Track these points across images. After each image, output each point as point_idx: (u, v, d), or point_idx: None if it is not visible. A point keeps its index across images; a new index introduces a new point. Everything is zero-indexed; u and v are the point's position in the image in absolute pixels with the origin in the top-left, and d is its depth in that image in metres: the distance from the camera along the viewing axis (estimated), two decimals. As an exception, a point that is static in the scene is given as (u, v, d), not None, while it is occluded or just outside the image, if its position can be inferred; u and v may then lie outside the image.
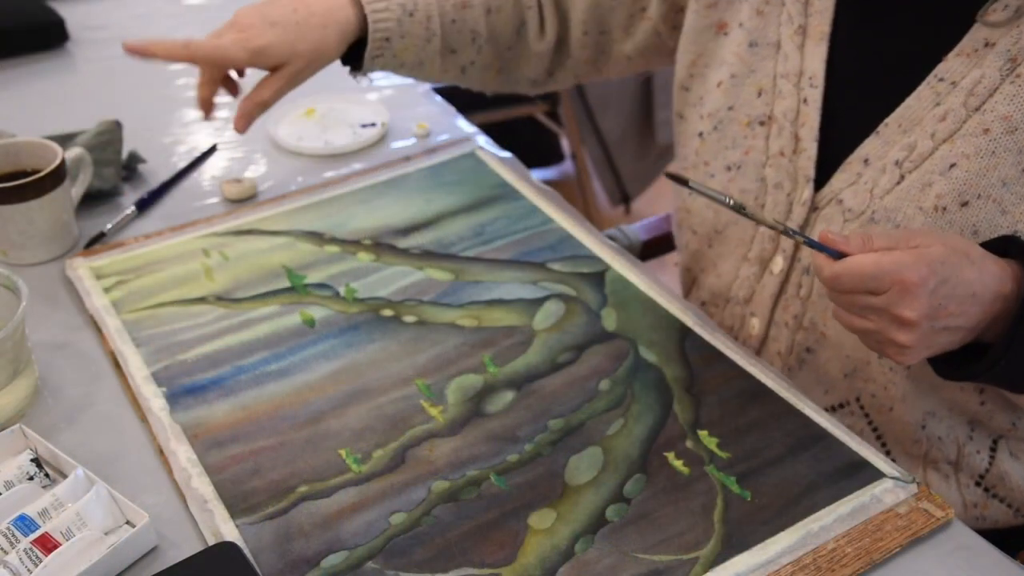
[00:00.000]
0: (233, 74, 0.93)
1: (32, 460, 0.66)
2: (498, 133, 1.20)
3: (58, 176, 0.86)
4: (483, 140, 1.07)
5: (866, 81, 0.77)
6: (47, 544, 0.60)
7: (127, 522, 0.65)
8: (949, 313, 0.64)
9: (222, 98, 1.14)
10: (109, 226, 0.92)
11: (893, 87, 0.74)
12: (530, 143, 2.45)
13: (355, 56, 0.92)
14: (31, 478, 0.66)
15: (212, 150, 1.05)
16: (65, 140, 1.01)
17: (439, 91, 1.21)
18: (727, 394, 0.75)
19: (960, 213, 0.70)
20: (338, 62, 0.92)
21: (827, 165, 0.78)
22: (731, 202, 0.69)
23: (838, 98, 0.78)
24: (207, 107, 0.92)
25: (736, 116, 0.83)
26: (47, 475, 0.67)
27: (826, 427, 0.72)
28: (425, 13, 0.91)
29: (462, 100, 1.40)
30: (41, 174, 0.85)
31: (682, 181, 0.70)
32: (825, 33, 0.78)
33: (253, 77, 0.91)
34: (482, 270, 0.87)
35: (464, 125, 1.10)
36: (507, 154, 1.04)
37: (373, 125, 1.08)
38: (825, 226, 0.77)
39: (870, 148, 0.75)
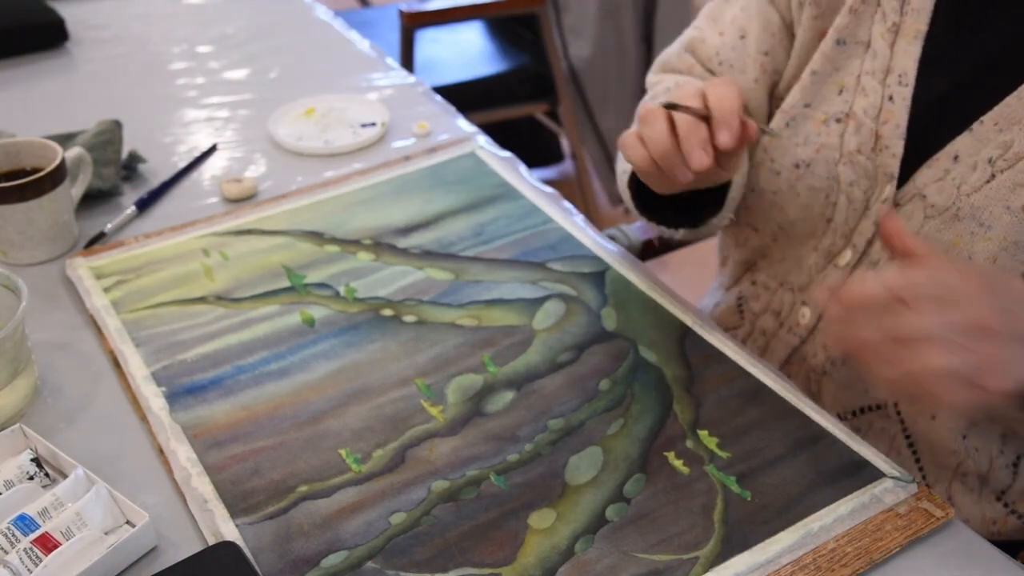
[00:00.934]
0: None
1: (32, 460, 0.66)
2: (498, 133, 1.20)
3: (58, 176, 0.86)
4: (483, 140, 1.07)
5: (959, 80, 0.75)
6: (47, 544, 0.60)
7: (127, 522, 0.65)
8: (1020, 324, 0.58)
9: (222, 97, 1.15)
10: (109, 226, 0.92)
11: (989, 86, 0.73)
12: (530, 143, 2.45)
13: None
14: (31, 478, 0.66)
15: (212, 150, 1.05)
16: (65, 140, 1.01)
17: (439, 91, 1.21)
18: (727, 394, 0.75)
19: None
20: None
21: (908, 163, 0.76)
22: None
23: (926, 96, 0.76)
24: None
25: (812, 114, 0.81)
26: (47, 475, 0.67)
27: (826, 427, 0.72)
28: None
29: (462, 100, 1.40)
30: (41, 174, 0.85)
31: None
32: (921, 32, 0.76)
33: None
34: (482, 270, 0.87)
35: (464, 125, 1.10)
36: (507, 154, 1.04)
37: (373, 125, 1.08)
38: (906, 222, 0.75)
39: (961, 145, 0.73)
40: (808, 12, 0.82)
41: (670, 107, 0.70)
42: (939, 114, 0.75)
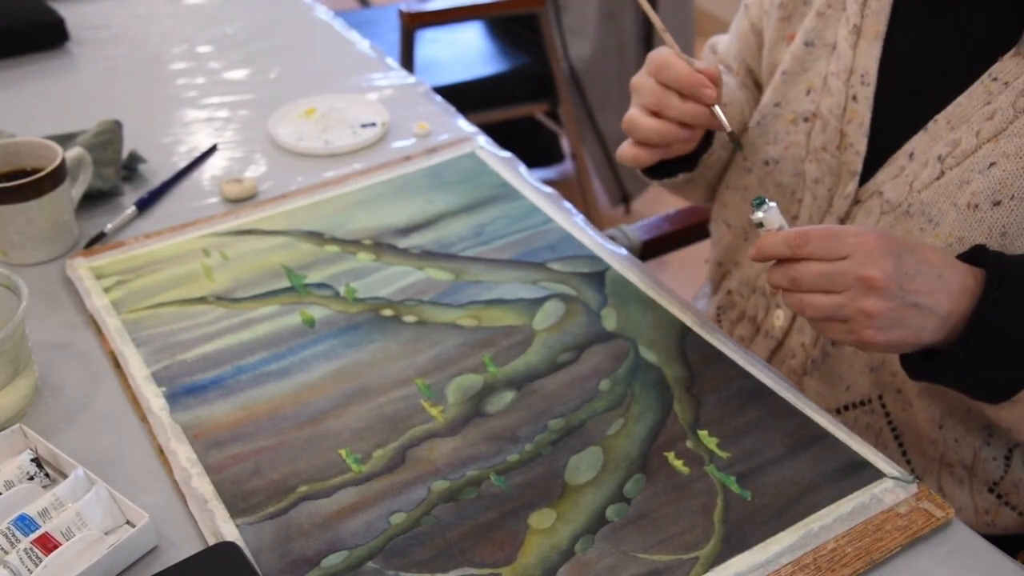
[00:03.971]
0: None
1: (32, 460, 0.66)
2: (498, 133, 1.20)
3: (58, 176, 0.87)
4: (483, 140, 1.07)
5: (918, 79, 0.78)
6: (47, 544, 0.60)
7: (127, 522, 0.65)
8: (917, 289, 0.64)
9: (222, 97, 1.15)
10: (109, 226, 0.92)
11: (946, 85, 0.75)
12: (530, 143, 2.45)
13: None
14: (31, 478, 0.66)
15: (212, 150, 1.05)
16: (65, 140, 1.01)
17: (439, 91, 1.21)
18: (727, 394, 0.75)
19: (991, 212, 0.70)
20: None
21: (871, 161, 0.79)
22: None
23: (888, 96, 0.79)
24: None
25: (782, 113, 0.84)
26: (47, 475, 0.67)
27: (826, 427, 0.72)
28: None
29: (462, 100, 1.40)
30: (41, 174, 0.85)
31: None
32: (880, 32, 0.79)
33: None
34: (482, 270, 0.87)
35: (464, 125, 1.10)
36: (507, 154, 1.04)
37: (373, 125, 1.08)
38: (865, 219, 0.78)
39: (917, 143, 0.76)
40: (775, 15, 0.87)
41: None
42: (900, 113, 0.78)
